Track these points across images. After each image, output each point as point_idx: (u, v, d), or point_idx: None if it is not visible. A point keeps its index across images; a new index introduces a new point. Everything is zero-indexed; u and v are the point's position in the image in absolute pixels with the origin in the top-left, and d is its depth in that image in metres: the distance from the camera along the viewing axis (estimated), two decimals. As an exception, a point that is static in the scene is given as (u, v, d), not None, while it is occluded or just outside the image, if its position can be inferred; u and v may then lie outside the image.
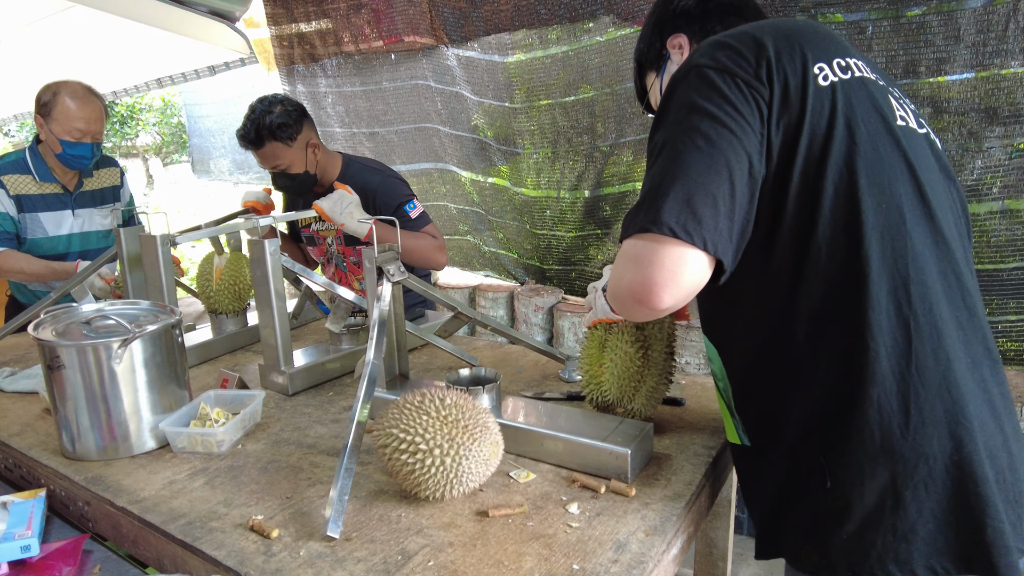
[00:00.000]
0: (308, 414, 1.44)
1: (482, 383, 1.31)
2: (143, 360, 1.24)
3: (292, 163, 2.11)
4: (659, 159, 0.89)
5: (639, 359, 1.29)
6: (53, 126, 2.21)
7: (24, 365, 1.83)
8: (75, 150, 2.25)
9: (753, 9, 1.19)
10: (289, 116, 2.07)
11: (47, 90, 2.23)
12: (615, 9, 3.06)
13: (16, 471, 1.33)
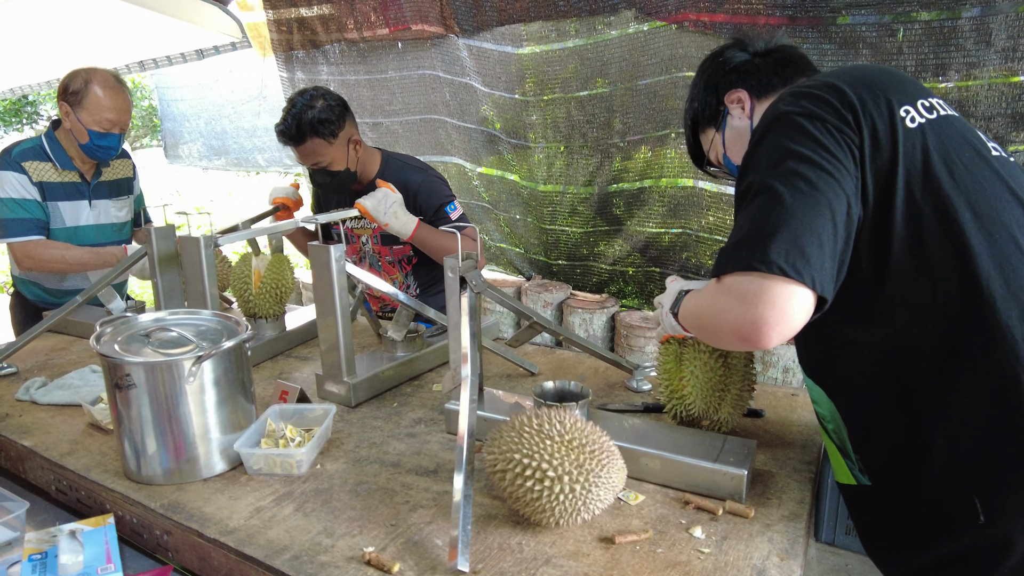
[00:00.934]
0: (379, 428, 1.37)
1: (571, 398, 1.27)
2: (214, 378, 1.16)
3: (333, 160, 2.01)
4: (755, 201, 0.90)
5: (720, 368, 1.26)
6: (82, 115, 2.10)
7: (51, 372, 1.72)
8: (104, 141, 2.14)
9: (805, 61, 1.21)
10: (332, 111, 1.96)
11: (77, 78, 2.11)
12: (637, 3, 3.00)
13: (72, 493, 1.24)
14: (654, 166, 3.24)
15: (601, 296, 3.68)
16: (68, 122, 2.14)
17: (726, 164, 1.28)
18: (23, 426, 1.42)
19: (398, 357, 1.61)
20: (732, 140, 1.23)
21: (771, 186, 0.89)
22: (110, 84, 2.13)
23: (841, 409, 1.06)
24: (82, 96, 2.09)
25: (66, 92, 2.12)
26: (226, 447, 1.20)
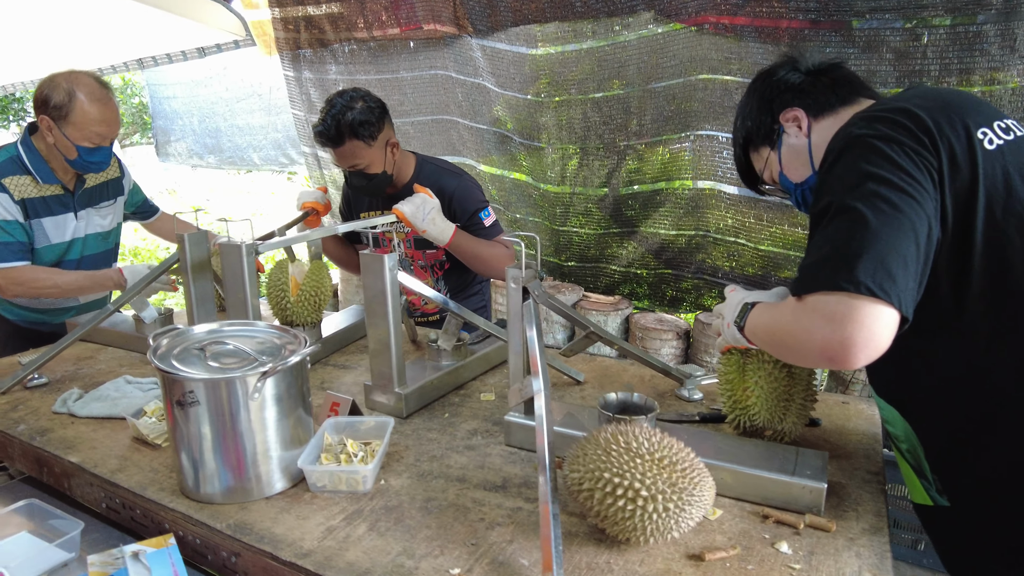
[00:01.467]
0: (435, 440, 1.35)
1: (635, 410, 1.25)
2: (276, 394, 1.13)
3: (371, 163, 1.96)
4: (836, 221, 0.92)
5: (784, 379, 1.25)
6: (69, 131, 1.91)
7: (83, 383, 1.67)
8: (94, 156, 1.98)
9: (860, 81, 1.21)
10: (372, 113, 1.91)
11: (58, 89, 1.88)
12: (656, 5, 2.99)
13: (125, 512, 1.21)
14: (671, 168, 3.23)
15: (614, 298, 3.67)
16: (52, 137, 1.93)
17: (782, 183, 1.28)
18: (66, 440, 1.38)
19: (444, 366, 1.59)
20: (789, 158, 1.23)
21: (853, 207, 0.90)
22: (96, 95, 1.92)
23: (917, 429, 1.06)
24: (67, 110, 1.89)
25: (47, 105, 1.89)
26: (288, 464, 1.17)
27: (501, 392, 1.58)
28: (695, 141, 3.13)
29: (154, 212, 2.46)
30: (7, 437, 1.43)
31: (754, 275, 3.23)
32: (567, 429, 1.24)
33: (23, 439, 1.40)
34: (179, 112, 6.91)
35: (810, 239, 0.99)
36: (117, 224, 2.30)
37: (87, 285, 2.06)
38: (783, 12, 2.71)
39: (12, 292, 2.01)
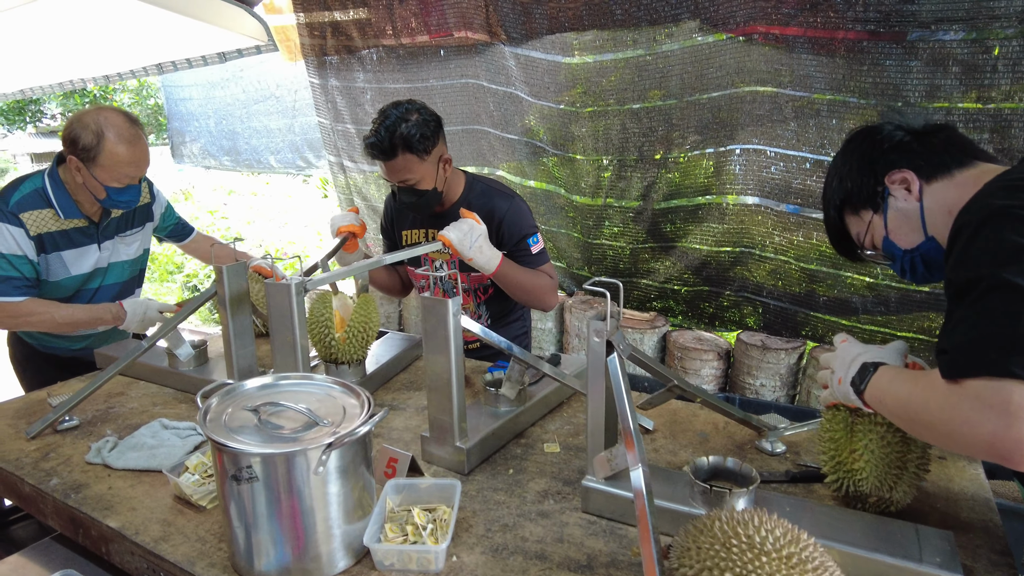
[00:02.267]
0: (503, 503, 1.23)
1: (731, 477, 1.13)
2: (340, 465, 1.02)
3: (423, 178, 1.86)
4: (989, 298, 0.84)
5: (898, 444, 1.13)
6: (98, 172, 1.84)
7: (116, 426, 1.57)
8: (123, 195, 1.91)
9: (974, 145, 1.14)
10: (427, 127, 1.82)
11: (86, 130, 1.81)
12: (702, 14, 2.86)
13: (171, 587, 1.10)
14: (714, 182, 3.10)
15: (650, 315, 3.54)
16: (80, 177, 1.87)
17: (886, 248, 1.17)
18: (103, 500, 1.27)
19: (503, 412, 1.47)
20: (897, 223, 1.14)
21: (1011, 283, 0.82)
22: (126, 136, 1.84)
23: None
24: (96, 153, 1.82)
25: (75, 146, 1.83)
26: (351, 540, 1.06)
27: (566, 442, 1.46)
28: (741, 155, 3.00)
29: (188, 233, 2.36)
30: (39, 493, 1.33)
31: (798, 293, 3.10)
32: (657, 500, 1.12)
33: (56, 496, 1.29)
34: (195, 114, 6.86)
35: (950, 314, 0.89)
36: (144, 251, 2.21)
37: (85, 320, 1.97)
38: (839, 22, 2.58)
39: (9, 326, 1.96)
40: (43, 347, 2.17)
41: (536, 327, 3.80)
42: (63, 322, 1.95)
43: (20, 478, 1.37)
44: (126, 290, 2.16)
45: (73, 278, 2.01)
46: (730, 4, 2.78)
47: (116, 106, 1.93)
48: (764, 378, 3.13)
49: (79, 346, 2.18)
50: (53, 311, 1.94)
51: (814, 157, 2.82)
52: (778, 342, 3.14)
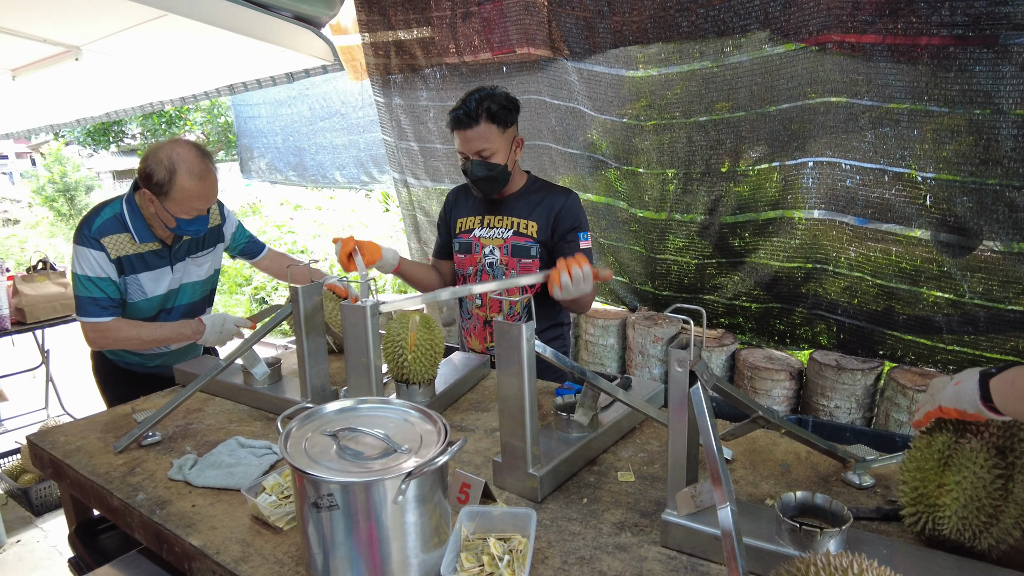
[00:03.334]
0: (578, 534, 1.20)
1: (820, 515, 1.07)
2: (419, 494, 1.01)
3: (497, 151, 2.02)
4: None
5: (997, 491, 1.03)
6: (169, 205, 1.92)
7: (195, 442, 1.62)
8: (192, 225, 1.99)
9: None
10: (510, 101, 2.04)
11: (160, 166, 1.89)
12: (773, 24, 2.78)
13: (251, 609, 1.11)
14: (785, 196, 3.00)
15: (719, 332, 3.45)
16: (153, 208, 1.96)
17: None
18: (186, 517, 1.30)
19: (574, 439, 1.45)
20: None
21: None
22: (196, 171, 1.91)
23: None
24: (168, 188, 1.90)
25: (149, 181, 1.91)
26: (428, 569, 1.05)
27: (640, 471, 1.42)
28: (814, 168, 2.89)
29: (260, 250, 2.44)
30: (127, 507, 1.37)
31: (875, 311, 2.96)
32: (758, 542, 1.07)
33: (143, 511, 1.34)
34: (263, 131, 7.10)
35: None
36: (214, 271, 2.30)
37: (168, 336, 2.07)
38: (922, 28, 2.46)
39: (99, 344, 2.04)
40: (123, 363, 2.27)
41: (598, 343, 3.76)
42: (148, 339, 2.05)
43: (110, 492, 1.42)
44: (197, 310, 2.25)
45: (151, 300, 2.10)
46: (802, 13, 2.70)
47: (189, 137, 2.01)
48: (839, 399, 3.00)
49: (154, 363, 2.28)
50: (139, 330, 2.04)
51: (893, 169, 2.70)
52: (854, 362, 3.01)
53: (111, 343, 2.04)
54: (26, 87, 5.30)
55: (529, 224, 2.12)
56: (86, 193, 13.58)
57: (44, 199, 13.26)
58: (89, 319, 1.97)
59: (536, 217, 2.12)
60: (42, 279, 3.92)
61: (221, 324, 2.10)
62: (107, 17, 3.91)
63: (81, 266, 1.96)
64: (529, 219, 2.12)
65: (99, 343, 2.03)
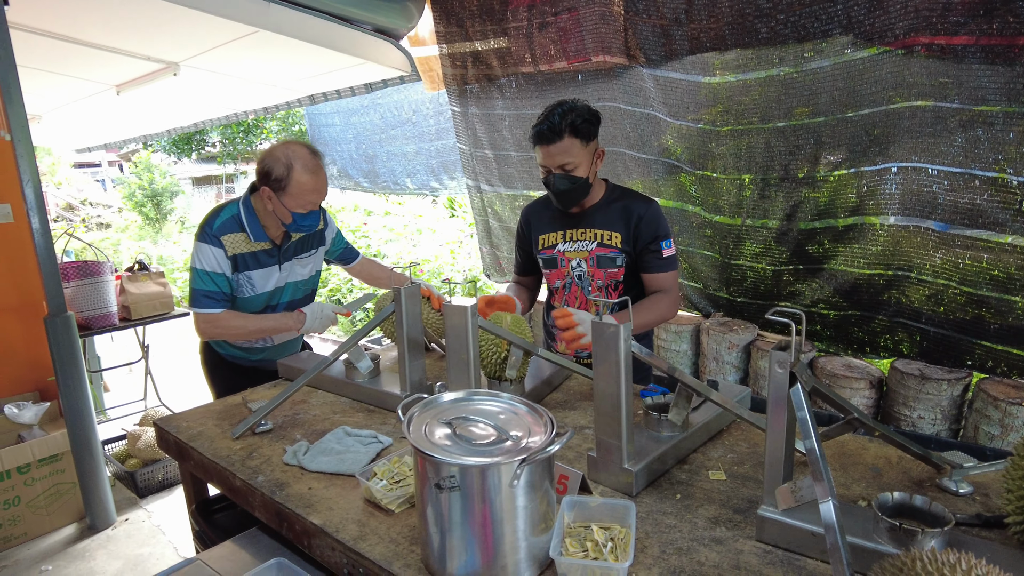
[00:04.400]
0: (674, 527, 1.25)
1: (920, 516, 1.09)
2: (530, 480, 1.09)
3: (580, 165, 2.07)
4: None
5: None
6: (286, 200, 2.08)
7: (304, 431, 1.75)
8: (307, 220, 2.15)
9: None
10: (592, 115, 2.08)
11: (278, 163, 2.07)
12: (856, 28, 2.75)
13: (370, 582, 1.21)
14: (868, 203, 2.95)
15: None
16: (271, 205, 2.11)
17: None
18: (304, 498, 1.42)
19: (665, 437, 1.50)
20: None
21: None
22: (310, 167, 2.09)
23: None
24: (286, 183, 2.06)
25: (268, 177, 2.08)
26: (535, 552, 1.12)
27: (730, 470, 1.46)
28: (898, 173, 2.85)
29: (355, 257, 2.58)
30: (249, 488, 1.50)
31: (963, 320, 2.88)
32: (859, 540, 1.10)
33: (264, 492, 1.46)
34: (336, 139, 7.36)
35: None
36: (316, 272, 2.45)
37: (272, 327, 2.22)
38: (1020, 27, 2.40)
39: (208, 334, 2.20)
40: (229, 356, 2.44)
41: (670, 348, 3.77)
42: (253, 329, 2.20)
43: (232, 473, 1.56)
44: (298, 307, 2.39)
45: (258, 296, 2.26)
46: (888, 16, 2.66)
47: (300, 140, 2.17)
48: (922, 410, 2.93)
49: (257, 357, 2.44)
50: (245, 321, 2.19)
51: (984, 174, 2.63)
52: (939, 372, 2.93)
53: (219, 332, 2.19)
54: (128, 101, 5.69)
55: (613, 235, 2.17)
56: (171, 199, 14.37)
57: (134, 204, 14.11)
58: (202, 310, 2.14)
59: (618, 227, 2.17)
60: (145, 279, 4.21)
61: (320, 312, 2.26)
62: (206, 35, 4.18)
63: (200, 261, 2.13)
64: (612, 230, 2.17)
65: (209, 333, 2.19)
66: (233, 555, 1.49)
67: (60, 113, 6.25)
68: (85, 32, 3.87)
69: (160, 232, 13.71)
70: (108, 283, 3.92)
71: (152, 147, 14.23)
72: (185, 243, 12.36)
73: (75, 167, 18.54)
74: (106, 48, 4.20)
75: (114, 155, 20.26)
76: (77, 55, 4.23)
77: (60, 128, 7.25)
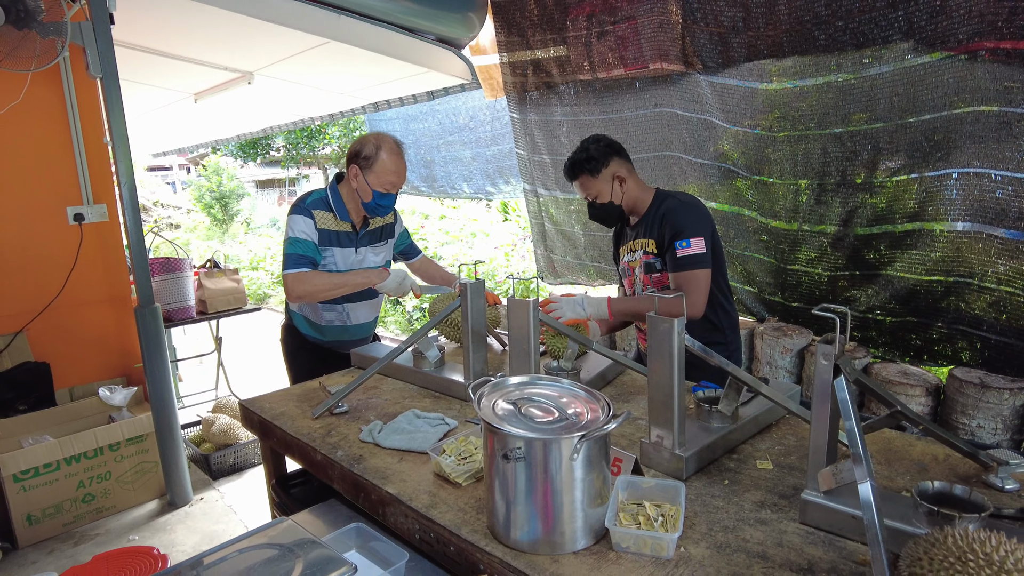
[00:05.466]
0: (722, 508, 1.34)
1: (959, 504, 1.15)
2: (588, 455, 1.20)
3: (599, 193, 2.32)
4: None
5: None
6: (370, 177, 2.36)
7: (377, 413, 1.90)
8: (384, 200, 2.40)
9: None
10: (597, 151, 2.29)
11: (368, 143, 2.37)
12: (918, 34, 2.76)
13: (439, 547, 1.34)
14: (928, 208, 2.95)
15: (850, 345, 3.41)
16: (356, 183, 2.38)
17: None
18: (379, 471, 1.56)
19: (715, 428, 1.58)
20: None
21: None
22: (394, 151, 2.39)
23: None
24: (373, 161, 2.35)
25: (358, 156, 2.38)
26: (592, 523, 1.23)
27: (777, 461, 1.54)
28: (960, 179, 2.83)
29: (416, 254, 2.76)
30: (329, 461, 1.65)
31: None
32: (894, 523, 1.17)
33: (343, 464, 1.61)
34: (395, 144, 7.59)
35: None
36: (387, 263, 2.61)
37: (356, 282, 2.41)
38: (1086, 34, 2.38)
39: (296, 292, 2.36)
40: (308, 336, 2.64)
41: (722, 351, 3.80)
42: (340, 282, 2.39)
43: (314, 448, 1.71)
44: (368, 292, 2.59)
45: (336, 272, 2.47)
46: (951, 22, 2.66)
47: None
48: (982, 419, 2.90)
49: (330, 338, 2.64)
50: (330, 277, 2.40)
51: (1051, 180, 2.60)
52: (1000, 381, 2.90)
53: (308, 290, 2.35)
54: (203, 108, 6.04)
55: (649, 243, 2.30)
56: (237, 201, 15.00)
57: (203, 206, 14.79)
58: (292, 270, 2.35)
59: (653, 234, 2.29)
60: (220, 275, 4.49)
61: (402, 278, 2.45)
62: (279, 46, 4.43)
63: (293, 230, 2.37)
64: (649, 237, 2.31)
65: (297, 291, 2.35)
66: (313, 521, 1.64)
67: (142, 120, 6.66)
68: (170, 44, 4.17)
69: (227, 232, 14.34)
70: (188, 279, 4.20)
71: (220, 151, 14.88)
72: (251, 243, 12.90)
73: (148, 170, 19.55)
74: (188, 59, 4.50)
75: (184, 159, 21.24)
76: (162, 66, 4.55)
77: (140, 134, 7.72)
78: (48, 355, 3.53)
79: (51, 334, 3.53)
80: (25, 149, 3.38)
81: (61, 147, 3.48)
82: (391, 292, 2.43)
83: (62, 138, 3.48)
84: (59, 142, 3.47)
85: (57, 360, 3.54)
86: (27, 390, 3.44)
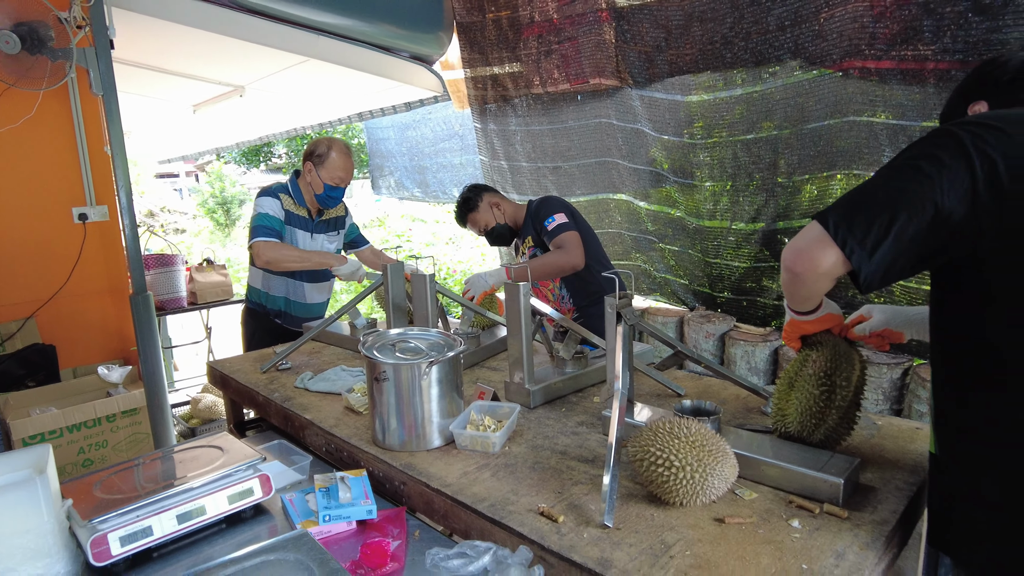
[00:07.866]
0: (550, 425, 1.77)
1: (703, 414, 1.57)
2: (439, 378, 1.63)
3: (486, 222, 2.94)
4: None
5: (822, 401, 1.45)
6: (322, 172, 2.81)
7: (314, 368, 2.34)
8: (334, 192, 2.85)
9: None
10: (471, 192, 2.99)
11: (322, 144, 2.83)
12: (803, 53, 3.18)
13: (337, 454, 1.78)
14: (819, 205, 3.36)
15: (765, 329, 3.82)
16: (309, 177, 2.84)
17: None
18: (303, 405, 2.00)
19: (567, 372, 2.01)
20: None
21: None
22: (343, 151, 2.87)
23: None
24: (324, 159, 2.82)
25: (312, 155, 2.85)
26: (443, 428, 1.66)
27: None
28: (843, 179, 3.25)
29: (362, 244, 3.22)
30: (268, 401, 2.10)
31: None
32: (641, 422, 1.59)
33: (277, 403, 2.05)
34: (391, 152, 8.02)
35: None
36: (338, 250, 3.07)
37: (316, 260, 2.84)
38: (928, 54, 2.79)
39: (267, 257, 2.75)
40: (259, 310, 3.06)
41: (657, 337, 4.21)
42: (302, 257, 2.82)
43: (257, 392, 2.15)
44: (324, 276, 3.04)
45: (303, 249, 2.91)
46: (827, 43, 3.09)
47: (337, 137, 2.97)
48: (866, 391, 3.29)
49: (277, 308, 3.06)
50: (296, 250, 2.83)
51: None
52: (883, 356, 3.29)
53: (276, 256, 2.74)
54: (202, 118, 6.53)
55: (527, 240, 2.86)
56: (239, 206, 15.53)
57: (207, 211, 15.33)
58: (260, 239, 2.76)
59: (529, 232, 2.86)
60: (210, 270, 4.95)
61: (357, 267, 2.90)
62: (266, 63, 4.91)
63: (263, 207, 2.82)
64: (526, 236, 2.87)
65: (266, 255, 2.74)
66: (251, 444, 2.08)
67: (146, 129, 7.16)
68: (169, 62, 4.64)
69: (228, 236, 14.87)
70: (179, 272, 4.66)
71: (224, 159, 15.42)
72: (253, 247, 13.40)
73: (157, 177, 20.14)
74: (185, 75, 4.98)
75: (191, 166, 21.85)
76: (161, 81, 5.03)
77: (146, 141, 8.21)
78: (55, 338, 3.99)
79: (57, 320, 4.00)
80: (37, 156, 3.86)
81: (68, 155, 3.96)
82: (344, 276, 2.87)
83: (69, 147, 3.95)
84: (66, 150, 3.95)
85: (62, 343, 4.01)
86: (36, 368, 3.91)
